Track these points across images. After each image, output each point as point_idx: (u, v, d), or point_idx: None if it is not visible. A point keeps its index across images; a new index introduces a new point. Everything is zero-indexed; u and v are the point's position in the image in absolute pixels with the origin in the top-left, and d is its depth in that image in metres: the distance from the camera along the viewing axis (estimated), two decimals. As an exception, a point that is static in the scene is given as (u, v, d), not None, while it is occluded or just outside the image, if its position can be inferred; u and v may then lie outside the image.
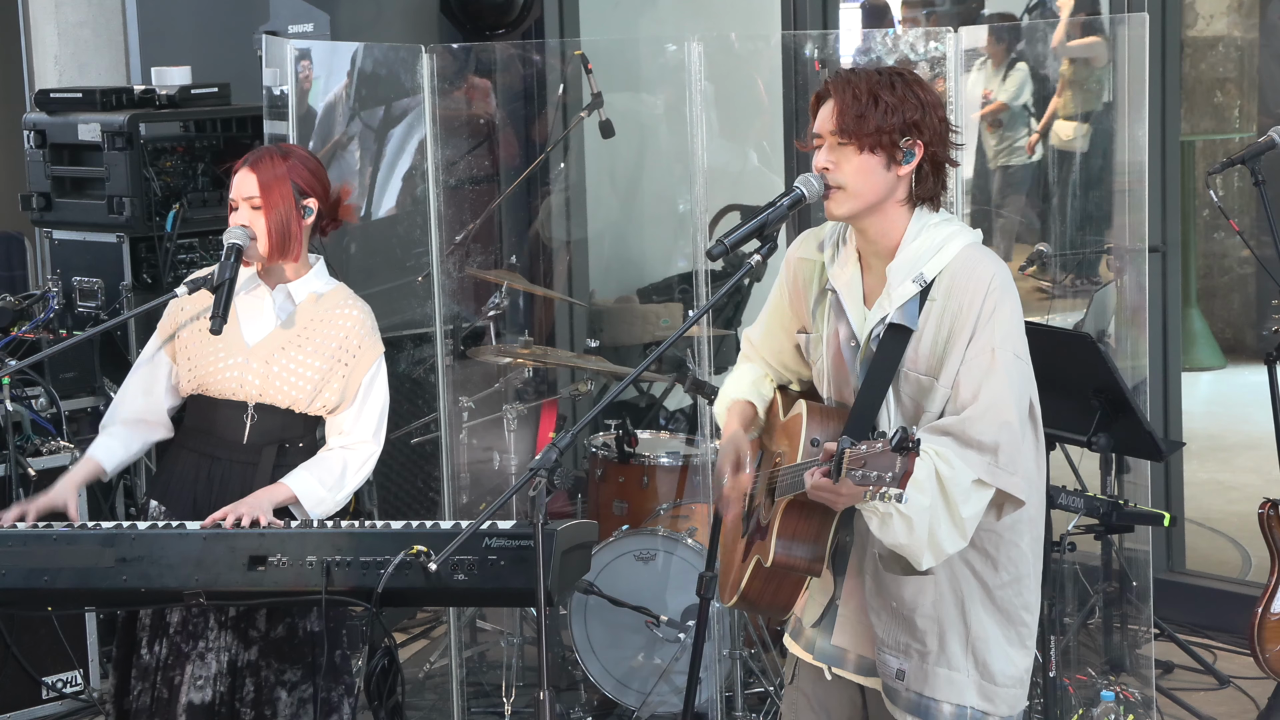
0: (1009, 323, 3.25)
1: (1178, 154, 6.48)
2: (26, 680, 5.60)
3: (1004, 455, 3.19)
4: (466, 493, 5.85)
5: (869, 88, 3.26)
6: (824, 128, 3.30)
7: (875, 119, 3.24)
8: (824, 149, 3.30)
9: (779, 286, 3.55)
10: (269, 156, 4.12)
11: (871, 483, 2.94)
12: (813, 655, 3.49)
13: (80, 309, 6.37)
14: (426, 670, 5.92)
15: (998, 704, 3.34)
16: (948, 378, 3.24)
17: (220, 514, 3.95)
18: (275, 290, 4.15)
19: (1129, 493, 5.49)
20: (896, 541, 3.16)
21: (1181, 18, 7.33)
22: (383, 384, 4.19)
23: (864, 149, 3.26)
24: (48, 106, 6.56)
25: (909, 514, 3.11)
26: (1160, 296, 6.27)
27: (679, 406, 6.91)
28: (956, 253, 3.28)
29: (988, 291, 3.23)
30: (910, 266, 3.28)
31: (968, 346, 3.22)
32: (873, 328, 3.31)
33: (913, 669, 3.33)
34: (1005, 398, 3.21)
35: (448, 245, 5.67)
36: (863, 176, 3.27)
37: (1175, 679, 5.78)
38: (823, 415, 3.36)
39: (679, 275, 7.61)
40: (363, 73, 6.19)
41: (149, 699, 4.09)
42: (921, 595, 3.31)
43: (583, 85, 6.08)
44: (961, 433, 3.18)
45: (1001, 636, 3.34)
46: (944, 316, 3.25)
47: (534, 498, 3.23)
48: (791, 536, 3.32)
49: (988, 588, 3.32)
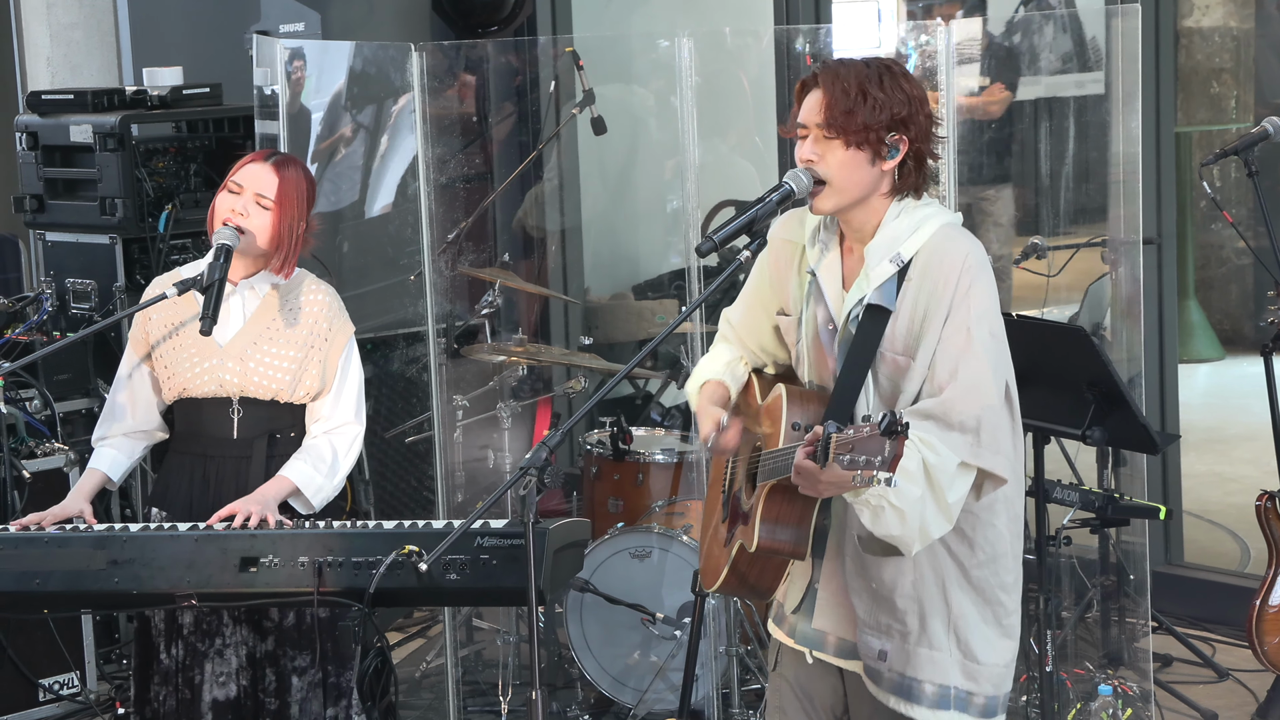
0: (984, 301, 3.24)
1: (1173, 145, 6.47)
2: (23, 682, 5.60)
3: (985, 434, 3.18)
4: (461, 491, 5.84)
5: (858, 82, 3.25)
6: (810, 119, 3.29)
7: (863, 115, 3.24)
8: (809, 141, 3.29)
9: (760, 266, 3.54)
10: (294, 166, 4.14)
11: (860, 467, 2.93)
12: (794, 640, 3.50)
13: (74, 310, 6.37)
14: (422, 669, 5.91)
15: (981, 683, 3.33)
16: (924, 358, 3.24)
17: (227, 511, 3.95)
18: (238, 287, 4.15)
19: (1126, 486, 5.47)
20: (889, 533, 3.16)
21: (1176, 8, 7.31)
22: (357, 363, 4.22)
23: (850, 144, 3.25)
24: (40, 108, 6.55)
25: (901, 506, 3.11)
26: (1156, 289, 6.26)
27: (674, 403, 6.90)
28: (933, 232, 3.28)
29: (962, 270, 3.23)
30: (888, 247, 3.28)
31: (944, 326, 3.22)
32: (851, 309, 3.31)
33: (894, 649, 3.33)
34: (984, 377, 3.20)
35: (440, 243, 5.66)
36: (847, 171, 3.26)
37: (1174, 672, 5.77)
38: (803, 399, 3.35)
39: (673, 272, 7.60)
40: (353, 71, 6.18)
41: (174, 701, 4.12)
42: (901, 575, 3.31)
43: (575, 82, 6.07)
44: (943, 415, 3.17)
45: (978, 616, 3.33)
46: (920, 296, 3.25)
47: (524, 496, 3.22)
48: (775, 520, 3.32)
49: (964, 568, 3.32)
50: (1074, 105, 7.43)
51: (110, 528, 3.99)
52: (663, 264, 7.80)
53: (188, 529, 3.92)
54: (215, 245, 4.03)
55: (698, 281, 5.28)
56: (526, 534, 3.25)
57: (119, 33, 7.83)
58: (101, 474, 4.21)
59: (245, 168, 4.10)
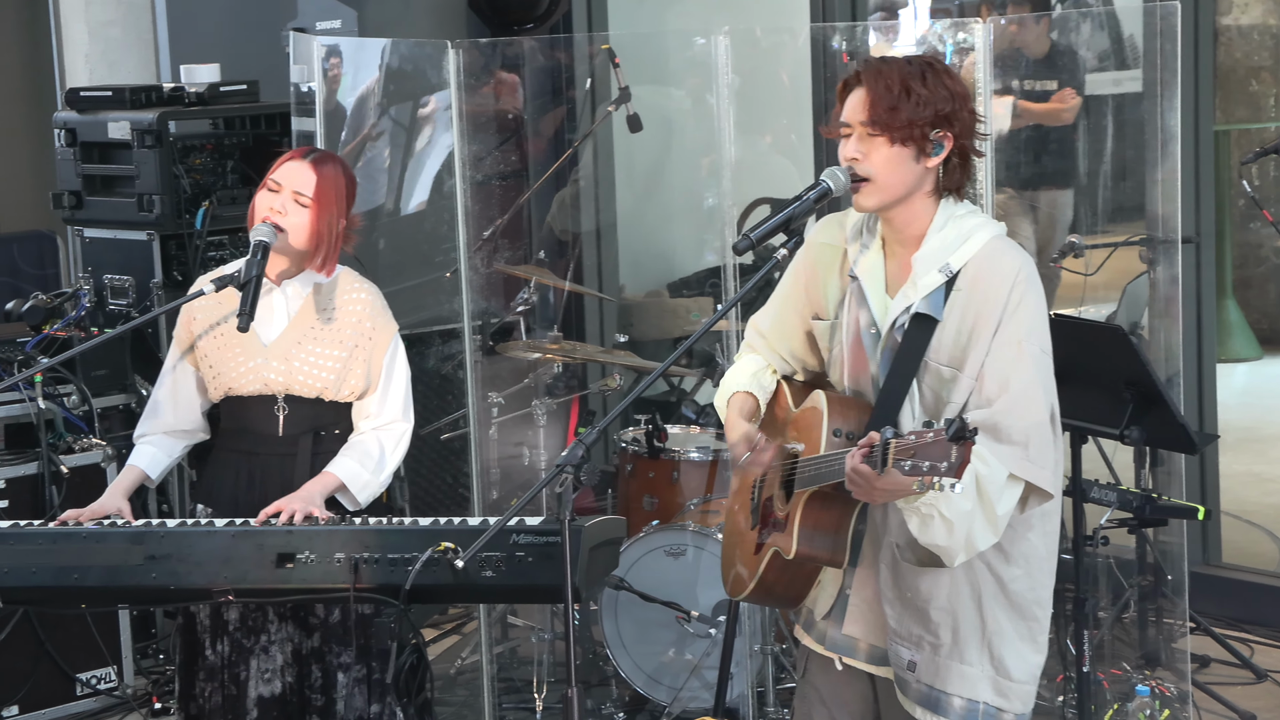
0: (1035, 316, 3.23)
1: (1211, 143, 6.43)
2: (61, 677, 5.63)
3: (1034, 448, 3.17)
4: (496, 488, 5.84)
5: (901, 79, 3.24)
6: (854, 117, 3.27)
7: (907, 111, 3.22)
8: (853, 139, 3.28)
9: (794, 271, 3.52)
10: (333, 163, 4.13)
11: (923, 473, 2.90)
12: (824, 646, 3.48)
13: (111, 307, 6.39)
14: (457, 666, 5.92)
15: (1012, 700, 3.32)
16: (972, 369, 3.22)
17: (273, 508, 3.96)
18: (281, 287, 4.15)
19: (1163, 485, 5.44)
20: (935, 542, 3.14)
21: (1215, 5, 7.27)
22: (403, 361, 4.22)
23: (894, 141, 3.24)
24: (78, 105, 6.58)
25: (950, 516, 3.09)
26: (1194, 288, 6.23)
27: (709, 401, 6.89)
28: (983, 244, 3.26)
29: (1014, 284, 3.21)
30: (937, 257, 3.27)
31: (993, 338, 3.20)
32: (896, 317, 3.29)
33: (924, 661, 3.32)
34: (1034, 390, 3.19)
35: (475, 241, 5.66)
36: (892, 168, 3.25)
37: (1211, 673, 5.74)
38: (843, 405, 3.33)
39: (708, 269, 7.59)
40: (389, 69, 6.18)
41: (219, 698, 4.14)
42: (937, 587, 3.29)
43: (610, 79, 6.06)
44: (993, 426, 3.16)
45: (1014, 632, 3.31)
46: (969, 307, 3.23)
47: (561, 494, 3.22)
48: (813, 528, 3.31)
49: (1001, 580, 3.30)
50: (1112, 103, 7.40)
51: (148, 523, 4.00)
52: (698, 261, 7.80)
53: (224, 524, 3.94)
54: (253, 242, 4.03)
55: (733, 279, 5.27)
56: (563, 531, 3.25)
57: (156, 30, 7.87)
58: (140, 471, 4.22)
59: (284, 165, 4.11)
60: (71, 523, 4.00)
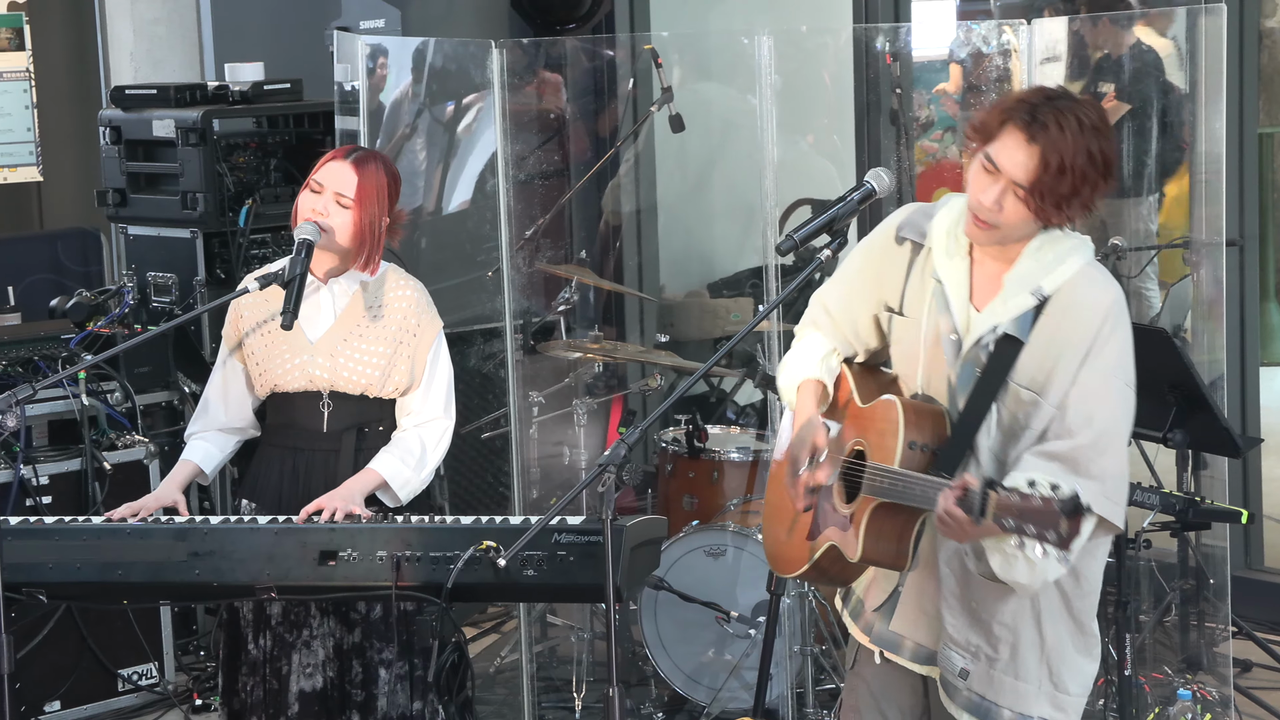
0: (1123, 350, 3.20)
1: (1255, 146, 6.40)
2: (103, 673, 5.67)
3: (1111, 484, 3.17)
4: (537, 488, 5.85)
5: (1074, 154, 3.11)
6: (1011, 172, 3.15)
7: (1065, 188, 3.13)
8: (998, 188, 3.16)
9: (869, 252, 3.44)
10: (375, 161, 4.14)
11: (1028, 535, 2.89)
12: (869, 638, 3.47)
13: (155, 304, 6.43)
14: (497, 665, 5.93)
15: (1069, 713, 3.32)
16: (1055, 397, 3.18)
17: (314, 506, 3.98)
18: (328, 285, 4.17)
19: (1206, 489, 5.41)
20: (1015, 580, 3.13)
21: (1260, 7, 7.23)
22: (446, 358, 4.23)
23: (1037, 211, 3.17)
24: (123, 103, 6.62)
25: (1034, 559, 3.03)
26: (1238, 290, 6.20)
27: (749, 401, 6.89)
28: (1077, 270, 3.22)
29: (1106, 316, 3.18)
30: (1029, 279, 3.22)
31: (1080, 368, 3.17)
32: (982, 335, 3.25)
33: (979, 671, 3.31)
34: (1117, 427, 3.18)
35: (517, 240, 5.67)
36: (1019, 222, 3.19)
37: (1253, 678, 5.71)
38: (918, 416, 3.28)
39: (749, 270, 7.57)
40: (433, 68, 6.19)
41: (261, 692, 4.16)
42: (1003, 602, 3.28)
43: (653, 79, 6.06)
44: (1074, 460, 3.14)
45: (1072, 646, 3.32)
46: (1057, 334, 3.19)
47: (603, 493, 3.22)
48: (879, 534, 3.30)
49: (1068, 598, 3.30)
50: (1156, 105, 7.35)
51: (191, 520, 4.02)
52: (739, 262, 7.78)
53: (267, 522, 3.96)
54: (296, 240, 4.05)
55: (775, 280, 5.26)
56: (605, 531, 3.25)
57: (201, 28, 7.91)
58: (194, 465, 4.24)
59: (326, 166, 4.12)
60: (130, 518, 4.02)
